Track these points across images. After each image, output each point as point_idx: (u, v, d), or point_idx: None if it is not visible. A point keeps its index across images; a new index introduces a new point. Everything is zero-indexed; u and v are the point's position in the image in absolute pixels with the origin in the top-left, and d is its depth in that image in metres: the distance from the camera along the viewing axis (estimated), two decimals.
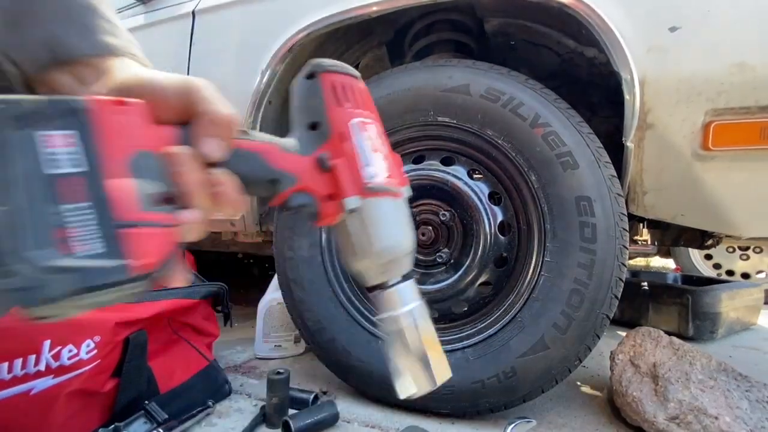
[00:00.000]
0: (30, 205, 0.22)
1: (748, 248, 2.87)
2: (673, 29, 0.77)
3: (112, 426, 0.73)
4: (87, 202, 0.24)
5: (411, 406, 0.92)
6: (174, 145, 0.28)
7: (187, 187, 0.28)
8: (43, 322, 0.23)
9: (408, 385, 0.35)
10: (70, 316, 0.24)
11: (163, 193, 0.27)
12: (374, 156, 0.36)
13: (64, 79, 0.33)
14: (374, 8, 0.97)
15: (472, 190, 0.92)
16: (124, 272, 0.24)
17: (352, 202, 0.34)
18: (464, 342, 0.90)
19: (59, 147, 0.24)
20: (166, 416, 0.78)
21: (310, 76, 0.36)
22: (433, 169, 0.94)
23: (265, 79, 1.08)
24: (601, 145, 0.85)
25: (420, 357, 0.34)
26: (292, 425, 0.79)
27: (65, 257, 0.23)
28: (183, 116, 0.29)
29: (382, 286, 0.36)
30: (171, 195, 0.27)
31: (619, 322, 1.77)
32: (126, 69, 0.33)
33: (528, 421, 0.79)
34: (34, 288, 0.22)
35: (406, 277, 0.36)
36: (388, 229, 0.35)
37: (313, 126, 0.36)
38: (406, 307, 0.35)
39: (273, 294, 1.31)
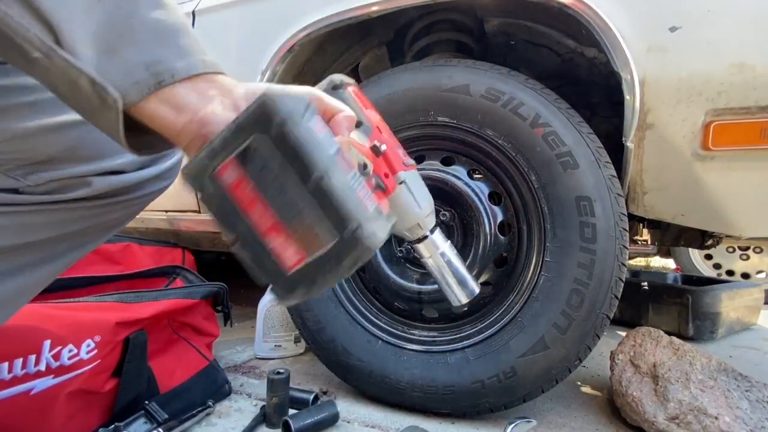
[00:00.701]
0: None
1: (748, 248, 2.87)
2: (673, 29, 0.77)
3: (112, 426, 0.73)
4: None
5: (411, 406, 0.92)
6: None
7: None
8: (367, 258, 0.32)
9: (455, 300, 0.51)
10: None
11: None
12: (396, 141, 0.48)
13: (162, 109, 0.32)
14: (374, 8, 0.97)
15: (472, 190, 0.92)
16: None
17: (402, 175, 0.46)
18: (464, 342, 0.90)
19: None
20: (167, 416, 0.78)
21: (335, 87, 0.45)
22: (433, 169, 0.94)
23: (265, 80, 1.08)
24: (601, 145, 0.85)
25: (459, 279, 0.51)
26: (292, 425, 0.79)
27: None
28: None
29: (422, 239, 0.49)
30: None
31: (619, 322, 1.77)
32: (229, 82, 0.35)
33: (528, 421, 0.79)
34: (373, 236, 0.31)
35: (433, 230, 0.50)
36: (423, 192, 0.48)
37: (357, 124, 0.44)
38: (441, 248, 0.50)
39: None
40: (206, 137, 0.33)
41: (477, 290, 0.51)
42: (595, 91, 1.17)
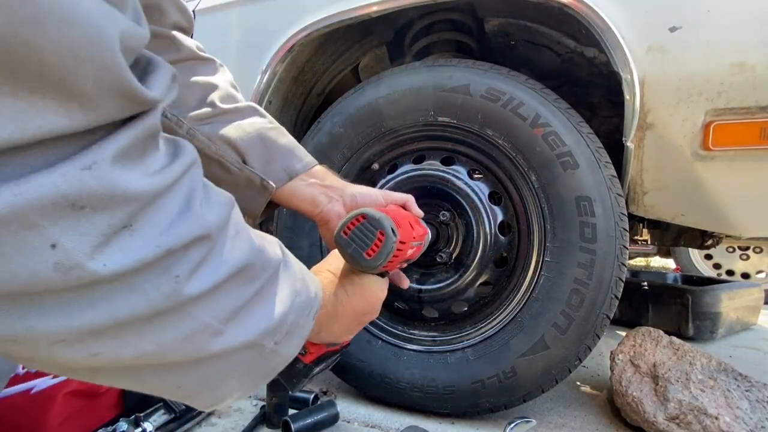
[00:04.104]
0: None
1: (748, 248, 2.88)
2: (673, 29, 0.77)
3: (133, 417, 0.75)
4: None
5: (411, 406, 0.92)
6: None
7: None
8: None
9: None
10: None
11: None
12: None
13: (299, 186, 0.63)
14: (374, 8, 0.97)
15: (473, 190, 0.92)
16: None
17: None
18: (464, 342, 0.90)
19: None
20: (183, 407, 0.81)
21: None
22: (433, 169, 0.94)
23: (265, 79, 1.08)
24: (601, 145, 0.85)
25: None
26: (292, 425, 0.79)
27: None
28: None
29: None
30: None
31: (619, 322, 1.77)
32: (329, 174, 0.65)
33: (528, 421, 0.79)
34: None
35: None
36: None
37: None
38: None
39: None
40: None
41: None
42: (595, 91, 1.17)
